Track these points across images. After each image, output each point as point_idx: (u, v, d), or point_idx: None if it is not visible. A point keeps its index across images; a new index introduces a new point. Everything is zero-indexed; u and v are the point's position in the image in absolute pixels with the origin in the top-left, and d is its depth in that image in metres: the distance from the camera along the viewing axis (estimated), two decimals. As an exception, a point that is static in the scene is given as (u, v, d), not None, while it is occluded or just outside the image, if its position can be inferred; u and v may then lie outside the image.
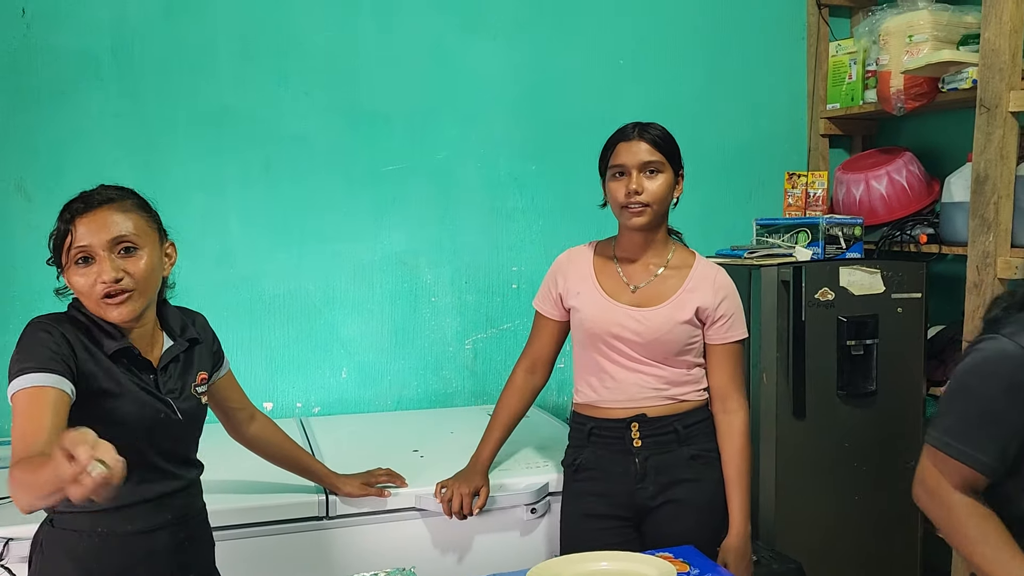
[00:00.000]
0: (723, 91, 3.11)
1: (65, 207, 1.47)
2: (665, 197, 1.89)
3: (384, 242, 2.82)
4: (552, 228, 2.96)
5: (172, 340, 1.57)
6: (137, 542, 1.50)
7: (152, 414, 1.47)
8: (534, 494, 2.09)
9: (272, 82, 2.68)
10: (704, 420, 1.97)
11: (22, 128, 2.48)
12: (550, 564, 1.59)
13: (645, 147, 1.87)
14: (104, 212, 1.45)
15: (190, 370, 1.59)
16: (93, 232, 1.43)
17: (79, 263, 1.44)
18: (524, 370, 2.09)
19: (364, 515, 1.99)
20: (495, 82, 2.89)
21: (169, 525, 1.53)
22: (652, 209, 1.88)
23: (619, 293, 1.95)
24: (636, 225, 1.90)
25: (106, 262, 1.43)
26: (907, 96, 2.70)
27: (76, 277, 1.45)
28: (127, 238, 1.45)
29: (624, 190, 1.88)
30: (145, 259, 1.47)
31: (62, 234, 1.45)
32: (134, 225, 1.47)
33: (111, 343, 1.46)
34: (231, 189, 2.66)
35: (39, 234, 2.48)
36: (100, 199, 1.46)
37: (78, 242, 1.43)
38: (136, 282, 1.45)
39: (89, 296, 1.44)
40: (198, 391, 1.59)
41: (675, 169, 1.92)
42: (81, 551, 1.47)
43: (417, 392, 2.87)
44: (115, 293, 1.43)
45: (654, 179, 1.87)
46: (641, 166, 1.87)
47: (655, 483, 1.92)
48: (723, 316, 1.93)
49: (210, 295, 2.59)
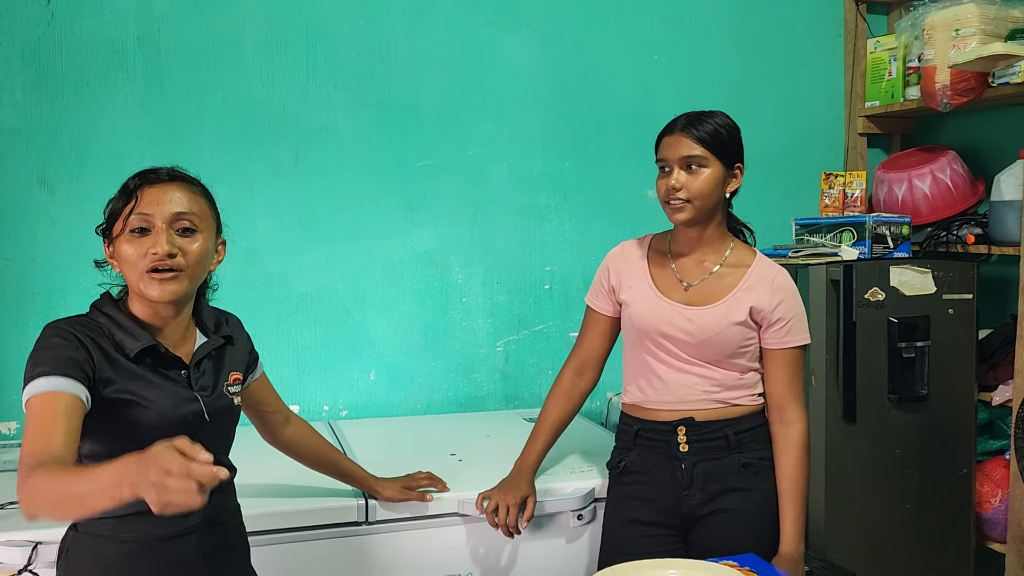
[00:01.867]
0: (759, 89, 3.04)
1: (134, 175, 1.42)
2: (708, 193, 1.79)
3: (414, 240, 2.73)
4: (586, 228, 2.88)
5: (206, 337, 1.51)
6: (165, 548, 1.42)
7: (180, 413, 1.40)
8: (580, 500, 1.99)
9: (300, 74, 2.61)
10: (758, 427, 1.88)
11: (45, 120, 2.40)
12: (616, 570, 1.50)
13: (687, 141, 1.78)
14: (173, 187, 1.41)
15: (223, 369, 1.52)
16: (158, 202, 1.38)
17: (135, 232, 1.38)
18: (572, 371, 2.00)
19: (404, 520, 1.90)
20: (527, 77, 2.81)
21: (198, 529, 1.45)
22: (693, 205, 1.79)
23: (671, 290, 1.87)
24: (678, 221, 1.82)
25: (163, 234, 1.37)
26: (954, 91, 2.61)
27: (127, 245, 1.38)
28: (189, 217, 1.40)
29: (664, 186, 1.81)
30: (200, 242, 1.41)
31: (124, 201, 1.39)
32: (199, 207, 1.43)
33: (133, 343, 1.38)
34: (258, 183, 2.58)
35: (61, 228, 2.45)
36: (171, 174, 1.43)
37: (140, 209, 1.37)
38: (188, 263, 1.39)
39: (135, 268, 1.37)
40: (231, 391, 1.52)
41: (727, 163, 1.82)
42: (107, 557, 1.39)
43: (447, 395, 2.78)
44: (163, 268, 1.37)
45: (696, 175, 1.78)
46: (681, 161, 1.79)
47: (703, 491, 1.83)
48: (781, 319, 1.84)
49: (236, 293, 2.47)
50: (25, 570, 1.64)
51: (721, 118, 1.83)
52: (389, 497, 1.86)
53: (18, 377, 2.44)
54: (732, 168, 1.84)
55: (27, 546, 1.65)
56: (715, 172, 1.80)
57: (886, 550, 2.46)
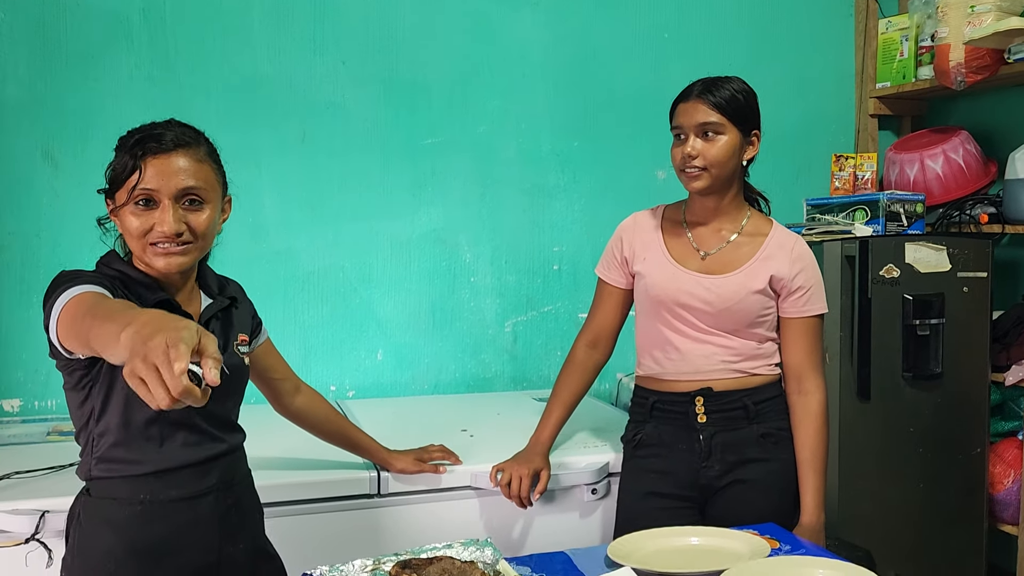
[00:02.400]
0: (768, 69, 3.01)
1: (136, 141, 1.33)
2: (725, 160, 1.76)
3: (422, 218, 2.70)
4: (594, 207, 2.85)
5: (211, 299, 1.48)
6: (181, 509, 1.38)
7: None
8: (595, 474, 1.97)
9: (308, 49, 2.58)
10: (776, 397, 1.85)
11: (49, 92, 2.37)
12: (634, 538, 1.48)
13: (703, 108, 1.75)
14: (178, 157, 1.33)
15: (231, 329, 1.49)
16: (164, 177, 1.31)
17: (139, 204, 1.32)
18: (585, 345, 1.97)
19: (417, 493, 1.87)
20: (537, 54, 2.78)
21: (214, 491, 1.41)
22: (710, 173, 1.76)
23: (688, 259, 1.84)
24: (694, 189, 1.79)
25: (169, 211, 1.31)
26: (968, 69, 2.59)
27: (131, 217, 1.33)
28: (195, 190, 1.34)
29: (680, 154, 1.77)
30: (207, 213, 1.36)
31: (128, 170, 1.32)
32: (205, 177, 1.36)
33: (150, 295, 1.35)
34: (265, 159, 2.55)
35: (65, 202, 2.41)
36: (175, 140, 1.33)
37: (145, 184, 1.31)
38: (196, 236, 1.35)
39: (139, 240, 1.33)
40: (240, 351, 1.48)
41: (744, 130, 1.79)
42: (122, 520, 1.35)
43: (455, 376, 2.75)
44: (168, 244, 1.33)
45: (713, 142, 1.75)
46: (697, 128, 1.75)
47: (721, 462, 1.80)
48: (800, 288, 1.81)
49: (242, 270, 2.42)
50: (32, 539, 1.61)
51: (738, 83, 1.80)
52: (402, 469, 1.83)
53: (22, 353, 2.42)
54: (749, 135, 1.80)
55: (34, 515, 1.61)
56: (732, 139, 1.76)
57: (898, 529, 2.43)
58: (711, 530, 1.52)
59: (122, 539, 1.35)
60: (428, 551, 1.30)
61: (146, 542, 1.35)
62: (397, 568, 1.22)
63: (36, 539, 1.61)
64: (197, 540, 1.39)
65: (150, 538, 1.36)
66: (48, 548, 1.61)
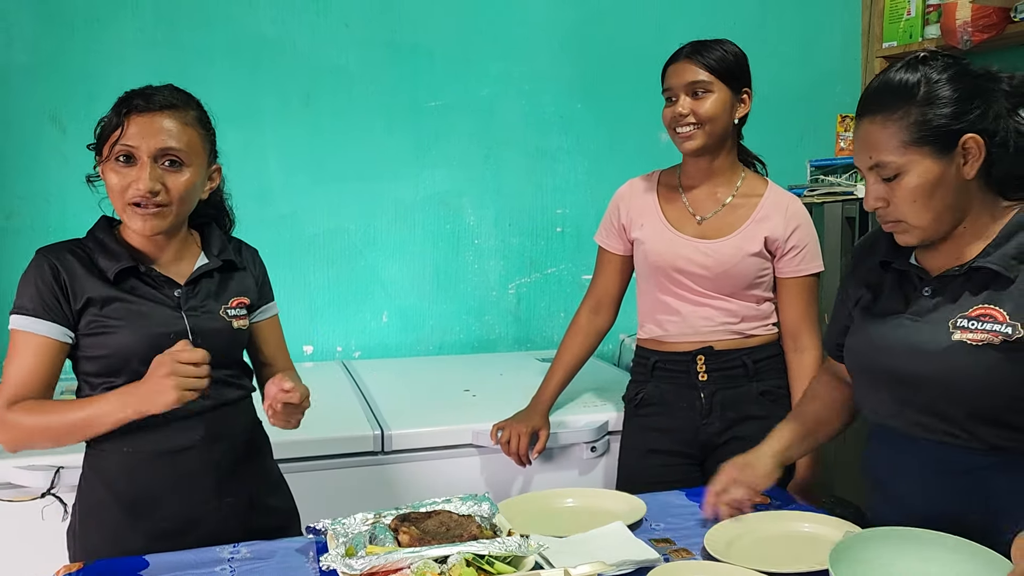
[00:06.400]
0: (774, 29, 2.99)
1: (124, 97, 1.37)
2: (717, 117, 1.77)
3: (426, 181, 2.72)
4: (598, 170, 2.86)
5: (208, 260, 1.49)
6: (165, 462, 1.41)
7: (159, 331, 1.38)
8: (594, 432, 2.01)
9: (311, 11, 2.58)
10: (775, 356, 1.88)
11: (56, 57, 2.39)
12: (518, 500, 1.54)
13: (692, 67, 1.77)
14: (162, 117, 1.36)
15: (224, 292, 1.49)
16: (144, 135, 1.34)
17: (120, 160, 1.35)
18: (588, 310, 2.00)
19: (420, 451, 1.92)
20: (540, 16, 2.77)
21: (198, 445, 1.43)
22: (704, 130, 1.77)
23: (684, 224, 1.86)
24: (688, 149, 1.81)
25: (146, 170, 1.34)
26: (974, 28, 2.57)
27: (112, 174, 1.36)
28: (176, 151, 1.36)
29: (671, 114, 1.79)
30: (187, 176, 1.38)
31: (112, 126, 1.36)
32: (188, 140, 1.38)
33: (112, 265, 1.38)
34: (269, 122, 2.57)
35: (73, 166, 2.44)
36: (162, 101, 1.37)
37: (125, 140, 1.34)
38: (171, 198, 1.37)
39: (119, 198, 1.36)
40: (230, 314, 1.48)
41: (735, 88, 1.80)
42: (111, 470, 1.41)
43: (459, 337, 2.79)
44: (146, 204, 1.35)
45: (702, 100, 1.77)
46: (686, 88, 1.77)
47: (721, 419, 1.84)
48: (795, 247, 1.83)
49: (247, 233, 2.45)
50: (48, 493, 1.67)
51: (727, 44, 1.81)
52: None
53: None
54: (740, 93, 1.81)
55: (49, 470, 1.67)
56: (722, 96, 1.78)
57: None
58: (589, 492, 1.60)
59: (111, 490, 1.40)
60: (427, 505, 1.34)
61: (131, 493, 1.40)
62: (396, 521, 1.27)
63: (52, 493, 1.67)
64: (181, 493, 1.42)
65: (137, 490, 1.40)
66: (63, 502, 1.67)
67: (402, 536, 1.23)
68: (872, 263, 1.37)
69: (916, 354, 1.26)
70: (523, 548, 1.18)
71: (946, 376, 1.23)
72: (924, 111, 1.20)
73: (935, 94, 1.20)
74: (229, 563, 1.31)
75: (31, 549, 1.69)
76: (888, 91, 1.23)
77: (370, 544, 1.21)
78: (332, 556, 1.16)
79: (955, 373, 1.22)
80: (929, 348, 1.25)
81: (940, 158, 1.20)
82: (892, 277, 1.35)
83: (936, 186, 1.21)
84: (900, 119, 1.20)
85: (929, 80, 1.21)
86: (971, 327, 1.22)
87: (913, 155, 1.20)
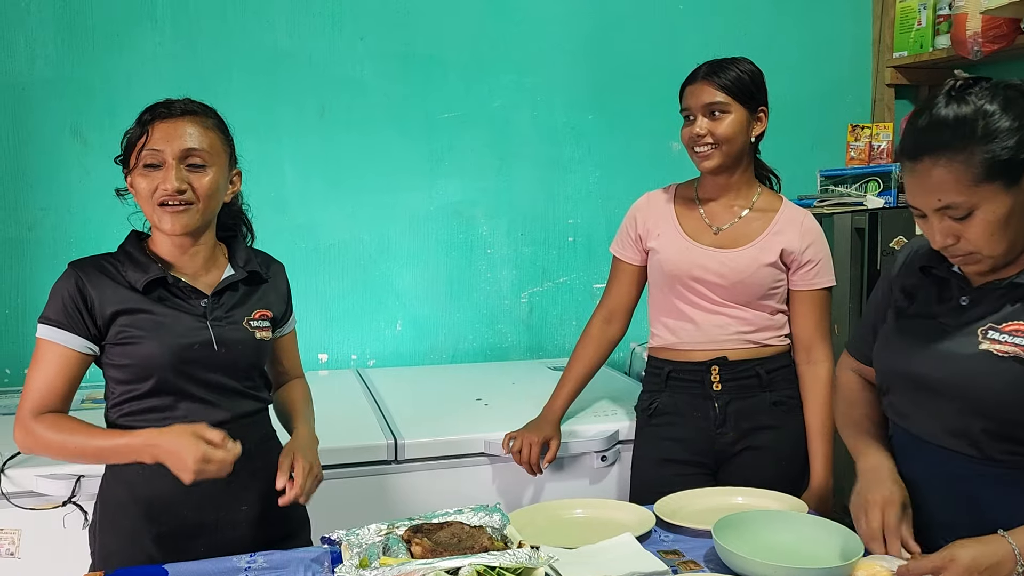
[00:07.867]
0: (785, 39, 3.01)
1: (146, 110, 1.46)
2: (733, 136, 1.81)
3: (439, 192, 2.75)
4: (610, 180, 2.89)
5: (234, 271, 1.55)
6: None
7: (184, 341, 1.44)
8: (604, 441, 2.03)
9: (327, 25, 2.62)
10: (787, 366, 1.91)
11: (77, 72, 2.44)
12: (528, 511, 1.56)
13: (709, 89, 1.81)
14: (183, 122, 1.44)
15: (248, 303, 1.54)
16: (168, 139, 1.43)
17: (147, 167, 1.43)
18: (601, 320, 2.02)
19: (433, 460, 1.95)
20: (552, 28, 2.80)
21: None
22: (721, 150, 1.81)
23: (701, 234, 1.89)
24: (706, 169, 1.85)
25: (172, 171, 1.42)
26: (985, 39, 2.58)
27: (140, 179, 1.44)
28: (198, 152, 1.44)
29: (689, 134, 1.83)
30: (211, 176, 1.46)
31: (137, 134, 1.45)
32: (209, 142, 1.46)
33: (140, 276, 1.44)
34: (285, 134, 2.61)
35: (94, 178, 2.49)
36: (183, 108, 1.46)
37: (151, 145, 1.43)
38: (198, 196, 1.44)
39: (148, 201, 1.44)
40: (253, 325, 1.53)
41: (751, 107, 1.83)
42: (131, 476, 1.45)
43: (472, 346, 2.82)
44: (173, 203, 1.42)
45: (719, 121, 1.80)
46: (703, 109, 1.81)
47: (736, 428, 1.87)
48: (810, 261, 1.86)
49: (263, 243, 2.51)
50: (69, 502, 1.71)
51: (743, 64, 1.83)
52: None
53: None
54: (756, 112, 1.85)
55: (70, 479, 1.71)
56: (738, 116, 1.81)
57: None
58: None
59: (132, 495, 1.46)
60: (439, 516, 1.37)
61: (148, 498, 1.45)
62: (409, 532, 1.29)
63: (72, 502, 1.71)
64: (194, 500, 1.46)
65: (157, 496, 1.45)
66: (84, 510, 1.71)
67: (415, 547, 1.25)
68: (914, 268, 1.39)
69: (940, 359, 1.27)
70: (533, 560, 1.20)
71: (965, 383, 1.25)
72: (989, 147, 1.17)
73: (995, 127, 1.17)
74: (246, 572, 1.35)
75: (52, 557, 1.74)
76: (945, 129, 1.20)
77: (383, 555, 1.24)
78: (347, 567, 1.19)
79: (975, 381, 1.24)
80: (954, 354, 1.26)
81: (1010, 189, 1.19)
82: (931, 282, 1.36)
83: (1010, 216, 1.20)
84: (965, 159, 1.17)
85: (985, 113, 1.18)
86: (1000, 339, 1.23)
87: (984, 192, 1.18)
